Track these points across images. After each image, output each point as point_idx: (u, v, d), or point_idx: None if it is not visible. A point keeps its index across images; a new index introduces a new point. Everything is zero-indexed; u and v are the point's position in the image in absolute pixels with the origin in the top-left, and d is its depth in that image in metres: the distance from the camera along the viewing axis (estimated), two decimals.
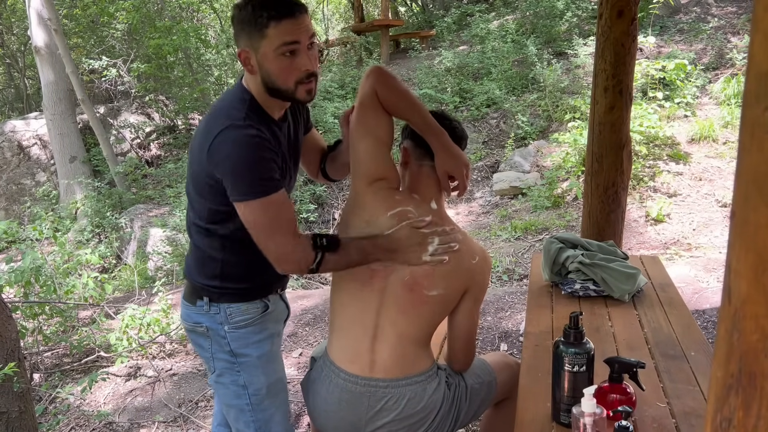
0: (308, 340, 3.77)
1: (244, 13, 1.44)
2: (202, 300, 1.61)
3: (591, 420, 1.24)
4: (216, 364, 1.65)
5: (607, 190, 2.99)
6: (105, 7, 9.23)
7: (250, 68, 1.48)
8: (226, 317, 1.60)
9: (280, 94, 1.50)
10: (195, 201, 1.57)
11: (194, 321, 1.64)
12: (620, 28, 2.76)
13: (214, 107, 1.54)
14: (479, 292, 1.66)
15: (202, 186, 1.51)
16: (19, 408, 1.99)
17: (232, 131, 1.43)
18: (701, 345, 1.80)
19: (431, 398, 1.61)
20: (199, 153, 1.47)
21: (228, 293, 1.60)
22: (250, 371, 1.64)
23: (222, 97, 1.58)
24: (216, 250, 1.58)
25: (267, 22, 1.41)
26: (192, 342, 1.72)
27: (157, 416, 3.03)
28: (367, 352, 1.60)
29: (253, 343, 1.64)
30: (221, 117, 1.47)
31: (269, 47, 1.43)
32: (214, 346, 1.63)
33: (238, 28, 1.47)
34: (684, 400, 1.51)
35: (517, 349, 3.36)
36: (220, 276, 1.59)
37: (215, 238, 1.57)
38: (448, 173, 1.64)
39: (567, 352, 1.40)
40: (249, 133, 1.43)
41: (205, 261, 1.61)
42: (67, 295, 3.83)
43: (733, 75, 6.82)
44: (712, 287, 3.88)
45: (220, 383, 1.66)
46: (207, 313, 1.61)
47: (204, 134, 1.47)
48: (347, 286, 1.64)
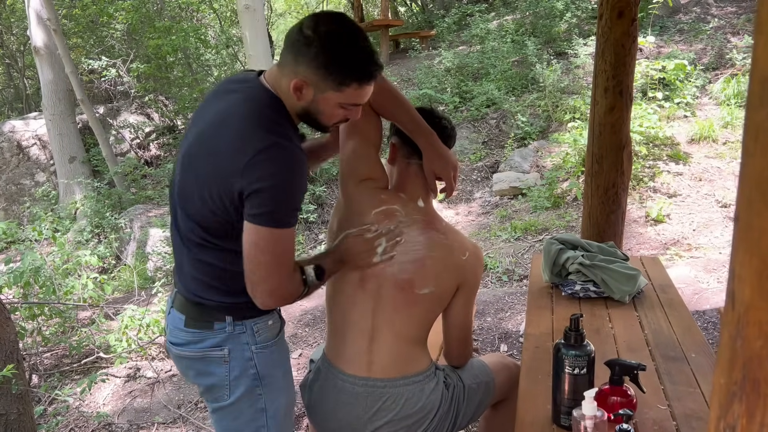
0: (308, 341, 3.76)
1: (330, 55, 1.31)
2: (224, 321, 1.44)
3: (592, 423, 1.23)
4: (234, 391, 1.47)
5: (608, 191, 2.98)
6: (104, 7, 9.22)
7: (298, 95, 1.35)
8: (253, 335, 1.46)
9: (310, 124, 1.44)
10: (200, 213, 1.38)
11: (210, 346, 1.45)
12: (620, 29, 2.75)
13: (244, 110, 1.36)
14: (472, 287, 1.66)
15: (219, 198, 1.33)
16: (17, 410, 1.98)
17: (280, 151, 1.30)
18: (702, 347, 1.80)
19: (429, 398, 1.61)
20: (228, 163, 1.31)
21: (253, 306, 1.43)
22: (274, 393, 1.51)
23: (246, 96, 1.39)
24: (235, 264, 1.40)
25: (350, 82, 1.33)
26: (192, 371, 1.51)
27: (157, 417, 3.03)
28: (365, 353, 1.60)
29: (278, 362, 1.53)
30: (262, 129, 1.32)
31: (337, 98, 1.36)
32: (235, 371, 1.46)
33: (310, 58, 1.31)
34: (685, 403, 1.51)
35: (516, 350, 3.35)
36: (244, 290, 1.41)
37: (231, 253, 1.40)
38: (436, 174, 1.64)
39: (567, 354, 1.39)
40: (298, 156, 1.32)
41: (224, 276, 1.43)
42: (66, 296, 3.82)
43: (733, 75, 6.81)
44: (712, 288, 3.87)
45: (233, 409, 1.49)
46: (231, 334, 1.44)
47: (238, 144, 1.31)
48: (341, 289, 1.64)
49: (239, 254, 1.38)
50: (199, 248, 1.42)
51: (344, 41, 1.33)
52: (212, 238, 1.40)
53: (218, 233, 1.39)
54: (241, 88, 1.42)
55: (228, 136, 1.33)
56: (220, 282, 1.43)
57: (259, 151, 1.28)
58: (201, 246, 1.42)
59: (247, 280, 1.38)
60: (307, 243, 6.22)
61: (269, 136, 1.31)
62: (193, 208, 1.40)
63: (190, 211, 1.41)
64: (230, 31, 11.10)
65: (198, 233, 1.41)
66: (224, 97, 1.43)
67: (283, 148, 1.31)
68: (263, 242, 1.33)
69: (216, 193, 1.33)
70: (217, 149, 1.34)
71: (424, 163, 1.64)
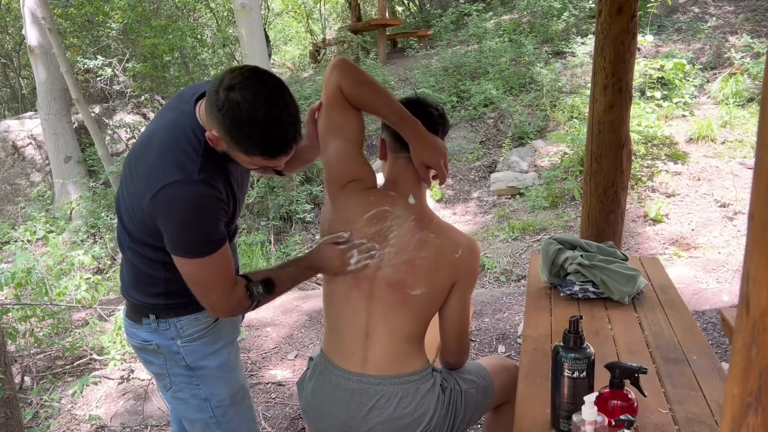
0: (303, 342, 3.73)
1: (236, 126, 1.30)
2: (149, 318, 1.53)
3: (592, 428, 1.20)
4: (172, 380, 1.58)
5: (607, 190, 2.95)
6: (100, 6, 9.17)
7: (213, 143, 1.37)
8: (178, 332, 1.53)
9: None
10: (129, 224, 1.46)
11: (142, 339, 1.55)
12: (620, 25, 2.71)
13: (166, 136, 1.38)
14: (467, 283, 1.62)
15: (140, 220, 1.41)
16: (5, 414, 1.94)
17: (181, 188, 1.32)
18: (703, 348, 1.76)
19: (424, 399, 1.58)
20: (142, 189, 1.36)
21: (175, 307, 1.52)
22: (211, 383, 1.59)
23: (175, 120, 1.41)
24: (156, 270, 1.49)
25: (254, 155, 1.35)
26: (141, 359, 1.63)
27: (150, 420, 2.99)
28: (360, 349, 1.58)
29: (210, 354, 1.58)
30: (170, 163, 1.34)
31: (249, 160, 1.38)
32: (168, 362, 1.56)
33: (219, 120, 1.30)
34: (687, 406, 1.47)
35: (515, 351, 3.32)
36: (164, 294, 1.51)
37: (155, 262, 1.48)
38: (425, 164, 1.59)
39: (567, 357, 1.36)
40: (201, 193, 1.34)
41: (146, 280, 1.51)
42: (59, 297, 3.78)
43: (732, 74, 6.79)
44: (711, 288, 3.85)
45: (179, 398, 1.60)
46: (156, 330, 1.53)
47: (150, 175, 1.35)
48: (337, 288, 1.62)
49: (159, 263, 1.46)
50: (127, 250, 1.51)
51: (254, 116, 1.29)
52: (135, 245, 1.48)
53: (142, 244, 1.46)
54: (178, 109, 1.44)
55: (144, 164, 1.39)
56: (143, 284, 1.52)
57: (162, 188, 1.32)
58: (128, 248, 1.51)
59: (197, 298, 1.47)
60: (304, 243, 6.19)
61: (173, 171, 1.33)
62: (123, 214, 1.49)
63: (122, 216, 1.49)
64: (227, 30, 11.06)
65: (125, 237, 1.50)
66: (167, 113, 1.47)
67: (186, 185, 1.32)
68: (186, 269, 1.41)
69: (138, 215, 1.41)
70: (139, 170, 1.40)
71: (412, 153, 1.58)
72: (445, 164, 1.62)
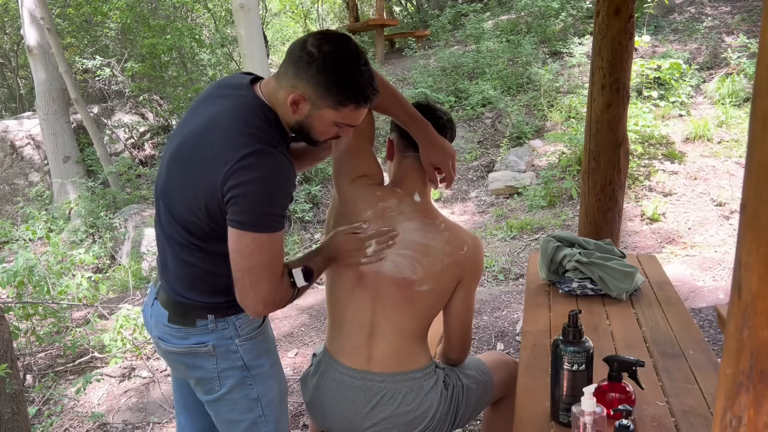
0: (304, 340, 3.75)
1: (331, 75, 1.32)
2: (206, 319, 1.47)
3: (591, 419, 1.22)
4: (224, 382, 1.51)
5: (604, 188, 2.98)
6: (98, 6, 9.18)
7: (294, 109, 1.37)
8: (236, 330, 1.49)
9: (302, 138, 1.46)
10: (184, 215, 1.40)
11: (195, 342, 1.48)
12: (617, 26, 2.75)
13: (233, 115, 1.37)
14: (472, 280, 1.65)
15: (202, 202, 1.34)
16: (11, 409, 1.96)
17: (264, 157, 1.30)
18: (699, 343, 1.79)
19: (427, 396, 1.61)
20: (212, 167, 1.31)
21: (234, 305, 1.45)
22: (264, 382, 1.54)
23: (237, 103, 1.39)
24: (217, 266, 1.43)
25: (348, 103, 1.35)
26: (181, 365, 1.54)
27: (152, 417, 3.01)
28: (364, 347, 1.61)
29: (264, 352, 1.55)
30: (247, 135, 1.32)
31: (333, 117, 1.38)
32: (222, 363, 1.50)
33: (311, 75, 1.32)
34: (683, 399, 1.50)
35: (513, 348, 3.35)
36: (225, 291, 1.44)
37: (214, 255, 1.42)
38: (434, 165, 1.64)
39: (566, 350, 1.39)
40: (283, 163, 1.33)
41: (206, 278, 1.45)
42: (60, 296, 3.80)
43: (728, 74, 6.83)
44: (707, 286, 3.88)
45: (227, 400, 1.53)
46: (214, 330, 1.48)
47: (224, 149, 1.31)
48: (341, 286, 1.64)
49: (222, 257, 1.39)
50: (183, 249, 1.43)
51: (347, 63, 1.33)
52: (196, 240, 1.41)
53: (201, 236, 1.40)
54: (232, 94, 1.42)
55: (213, 143, 1.34)
56: (202, 283, 1.45)
57: (242, 158, 1.28)
58: (185, 246, 1.43)
59: (236, 288, 1.38)
60: (303, 243, 6.21)
61: (253, 142, 1.31)
62: (177, 210, 1.41)
63: (174, 213, 1.42)
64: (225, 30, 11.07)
65: (182, 235, 1.42)
66: (214, 101, 1.43)
67: (266, 155, 1.31)
68: (247, 248, 1.33)
69: (201, 198, 1.34)
70: (202, 155, 1.35)
71: (422, 154, 1.64)
72: (453, 166, 1.66)
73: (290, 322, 4.02)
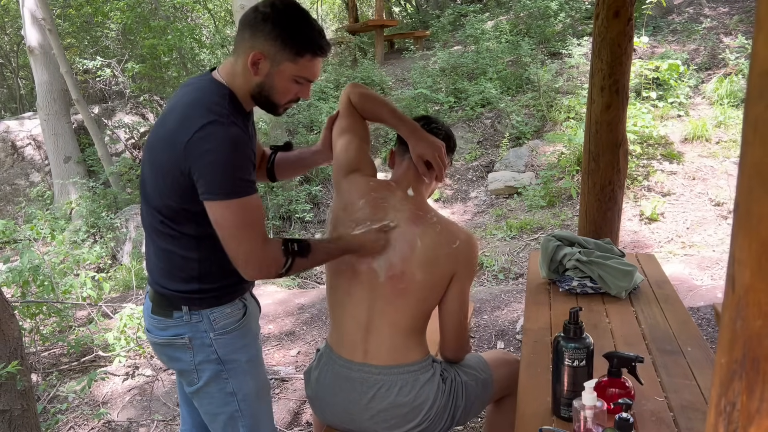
0: (306, 338, 3.78)
1: (286, 27, 1.42)
2: (180, 310, 1.52)
3: (592, 413, 1.26)
4: (201, 375, 1.57)
5: (604, 189, 3.02)
6: (99, 7, 9.21)
7: (255, 70, 1.44)
8: (211, 324, 1.54)
9: (263, 104, 1.52)
10: (157, 201, 1.46)
11: (172, 334, 1.54)
12: (617, 29, 2.78)
13: (189, 98, 1.45)
14: (466, 275, 1.68)
15: (170, 183, 1.41)
16: (21, 406, 1.99)
17: (216, 127, 1.36)
18: (697, 340, 1.83)
19: (423, 388, 1.64)
20: (171, 146, 1.39)
21: (208, 297, 1.53)
22: (240, 377, 1.59)
23: (193, 87, 1.48)
24: (190, 251, 1.49)
25: (305, 53, 1.44)
26: (165, 357, 1.61)
27: (156, 415, 3.04)
28: (361, 341, 1.66)
29: (240, 348, 1.59)
30: (201, 110, 1.39)
31: (291, 71, 1.46)
32: (198, 356, 1.55)
33: (267, 31, 1.42)
34: (681, 394, 1.54)
35: (513, 347, 3.38)
36: (198, 277, 1.51)
37: (188, 238, 1.48)
38: (422, 157, 1.70)
39: (567, 346, 1.42)
40: (233, 132, 1.39)
41: (179, 264, 1.51)
42: (64, 295, 3.83)
43: (726, 75, 6.87)
44: (706, 285, 3.91)
45: (205, 392, 1.59)
46: (188, 323, 1.53)
47: (180, 127, 1.38)
48: (338, 283, 1.70)
49: (194, 239, 1.47)
50: (159, 235, 1.50)
51: (299, 16, 1.45)
52: (170, 223, 1.47)
53: (173, 218, 1.46)
54: (193, 83, 1.52)
55: (172, 122, 1.42)
56: (177, 269, 1.51)
57: (197, 130, 1.35)
58: (160, 233, 1.49)
59: (230, 258, 1.44)
60: None
61: (206, 114, 1.38)
62: (152, 197, 1.48)
63: (150, 200, 1.49)
64: (225, 30, 11.10)
65: (157, 220, 1.48)
66: (179, 92, 1.52)
67: (220, 125, 1.37)
68: (222, 217, 1.39)
69: (168, 177, 1.41)
70: (163, 137, 1.43)
71: (410, 149, 1.71)
72: (441, 157, 1.71)
73: (292, 321, 4.05)
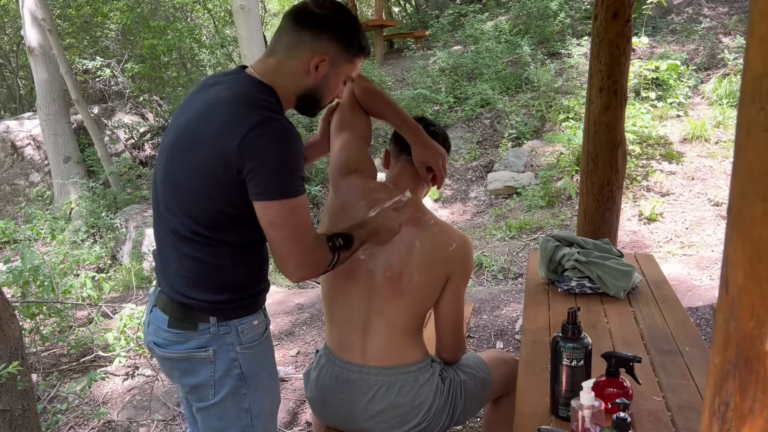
0: (305, 338, 3.79)
1: (349, 29, 1.43)
2: (208, 322, 1.42)
3: (590, 413, 1.26)
4: (218, 390, 1.46)
5: (603, 189, 3.02)
6: (99, 7, 9.21)
7: (314, 73, 1.42)
8: (238, 335, 1.45)
9: (308, 105, 1.49)
10: (192, 206, 1.37)
11: (195, 346, 1.43)
12: (615, 29, 2.79)
13: (230, 95, 1.37)
14: (461, 278, 1.68)
15: (213, 185, 1.33)
16: (22, 406, 2.00)
17: (273, 124, 1.31)
18: (695, 341, 1.83)
19: (423, 388, 1.65)
20: (219, 146, 1.31)
21: (238, 306, 1.44)
22: (258, 393, 1.50)
23: (232, 84, 1.41)
24: (224, 258, 1.40)
25: (359, 54, 1.47)
26: (177, 371, 1.49)
27: (156, 415, 3.05)
28: (359, 342, 1.66)
29: (263, 362, 1.51)
30: (251, 107, 1.33)
31: (347, 72, 1.47)
32: (220, 370, 1.44)
33: (334, 37, 1.41)
34: (679, 394, 1.54)
35: (512, 347, 3.39)
36: (230, 287, 1.42)
37: (223, 245, 1.39)
38: (425, 163, 1.71)
39: (565, 346, 1.43)
40: (290, 128, 1.34)
41: (209, 272, 1.41)
42: (64, 295, 3.83)
43: (725, 75, 6.88)
44: (704, 285, 3.92)
45: (218, 408, 1.48)
46: (215, 335, 1.43)
47: (229, 125, 1.31)
48: (334, 283, 1.69)
49: (228, 247, 1.39)
50: (187, 243, 1.40)
51: (353, 17, 1.48)
52: (202, 230, 1.37)
53: (208, 224, 1.37)
54: (225, 80, 1.44)
55: (217, 122, 1.33)
56: (208, 278, 1.41)
57: (252, 128, 1.29)
58: (189, 240, 1.39)
59: (277, 261, 1.38)
60: None
61: (259, 112, 1.32)
62: (181, 201, 1.38)
63: (178, 205, 1.39)
64: (224, 30, 11.10)
65: (188, 227, 1.38)
66: (207, 90, 1.43)
67: (273, 121, 1.32)
68: (278, 217, 1.33)
69: (211, 180, 1.33)
70: (208, 135, 1.34)
71: (413, 154, 1.71)
72: (443, 165, 1.73)
73: (291, 321, 4.05)
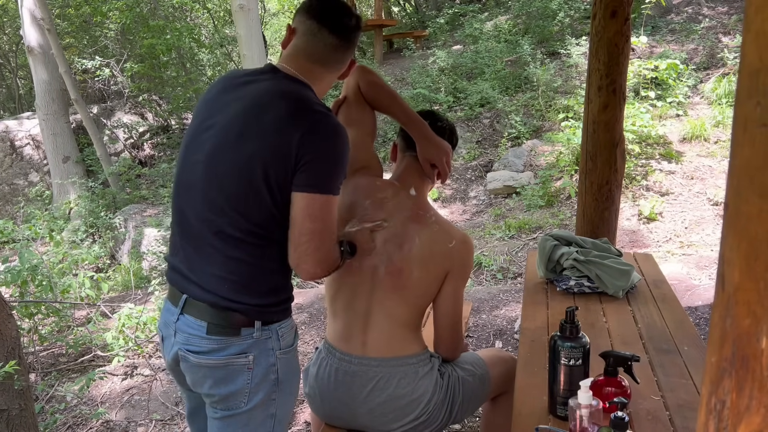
0: (304, 338, 3.79)
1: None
2: (253, 327, 1.38)
3: (587, 412, 1.26)
4: (252, 397, 1.41)
5: (601, 188, 3.02)
6: (98, 6, 9.20)
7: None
8: (278, 340, 1.42)
9: None
10: (237, 205, 1.34)
11: (235, 352, 1.38)
12: (614, 28, 2.79)
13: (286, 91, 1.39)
14: (460, 275, 1.69)
15: (263, 178, 1.32)
16: (19, 406, 1.99)
17: (330, 119, 1.38)
18: (694, 340, 1.83)
19: (422, 381, 1.66)
20: (279, 136, 1.32)
21: (280, 310, 1.43)
22: (285, 398, 1.47)
23: (280, 83, 1.42)
24: (272, 260, 1.38)
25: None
26: (210, 380, 1.40)
27: (155, 415, 3.04)
28: (360, 333, 1.67)
29: (296, 368, 1.50)
30: (309, 105, 1.38)
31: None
32: (257, 377, 1.40)
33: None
34: (678, 393, 1.54)
35: (511, 346, 3.39)
36: (275, 290, 1.41)
37: (274, 246, 1.38)
38: (429, 161, 1.72)
39: (563, 346, 1.42)
40: (342, 127, 1.40)
41: (256, 274, 1.38)
42: (63, 295, 3.83)
43: (725, 74, 6.88)
44: (704, 284, 3.92)
45: (246, 415, 1.42)
46: (258, 339, 1.39)
47: (295, 116, 1.34)
48: (338, 276, 1.70)
49: (277, 245, 1.38)
50: (237, 244, 1.36)
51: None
52: (257, 228, 1.35)
53: (263, 222, 1.35)
54: (264, 78, 1.43)
55: (277, 113, 1.35)
56: (254, 280, 1.38)
57: (312, 124, 1.34)
58: (240, 242, 1.35)
59: (296, 252, 1.36)
60: None
61: (318, 109, 1.38)
62: (233, 198, 1.35)
63: (231, 203, 1.35)
64: (224, 30, 11.09)
65: (240, 226, 1.35)
66: (243, 88, 1.42)
67: (330, 117, 1.39)
68: (320, 210, 1.34)
69: (268, 171, 1.32)
70: (266, 127, 1.35)
71: (418, 150, 1.73)
72: (447, 162, 1.75)
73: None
